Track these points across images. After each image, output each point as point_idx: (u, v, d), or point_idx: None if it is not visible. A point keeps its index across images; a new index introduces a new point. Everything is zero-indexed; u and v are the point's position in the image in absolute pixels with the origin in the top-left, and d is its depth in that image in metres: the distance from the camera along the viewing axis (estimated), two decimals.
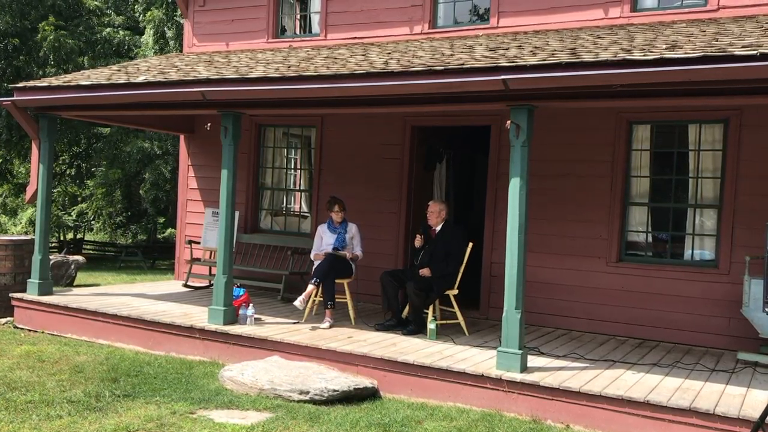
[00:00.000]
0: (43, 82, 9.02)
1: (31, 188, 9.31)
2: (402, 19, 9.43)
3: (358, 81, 6.67)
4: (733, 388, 5.87)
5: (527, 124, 6.17)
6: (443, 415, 5.83)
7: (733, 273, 7.47)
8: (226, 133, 7.74)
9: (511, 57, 6.39)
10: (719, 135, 7.75)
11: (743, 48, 5.37)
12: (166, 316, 7.98)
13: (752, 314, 6.89)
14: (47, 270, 9.12)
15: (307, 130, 10.46)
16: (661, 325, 7.79)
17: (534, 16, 8.63)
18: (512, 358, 6.10)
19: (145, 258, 18.71)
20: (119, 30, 18.50)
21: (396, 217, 9.44)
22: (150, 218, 21.16)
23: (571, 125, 8.23)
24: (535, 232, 8.08)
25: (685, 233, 7.97)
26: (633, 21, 8.09)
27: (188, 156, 11.14)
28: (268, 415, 5.66)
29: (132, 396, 6.00)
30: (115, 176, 18.19)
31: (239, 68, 8.04)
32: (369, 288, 8.77)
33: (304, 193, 10.57)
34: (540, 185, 8.13)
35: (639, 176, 8.17)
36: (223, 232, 7.81)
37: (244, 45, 10.58)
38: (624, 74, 5.58)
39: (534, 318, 8.15)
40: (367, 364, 6.59)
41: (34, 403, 5.66)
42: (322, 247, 8.17)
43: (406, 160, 9.41)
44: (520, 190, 6.18)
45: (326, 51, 8.96)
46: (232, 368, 6.60)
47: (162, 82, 7.78)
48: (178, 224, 11.45)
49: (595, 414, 5.65)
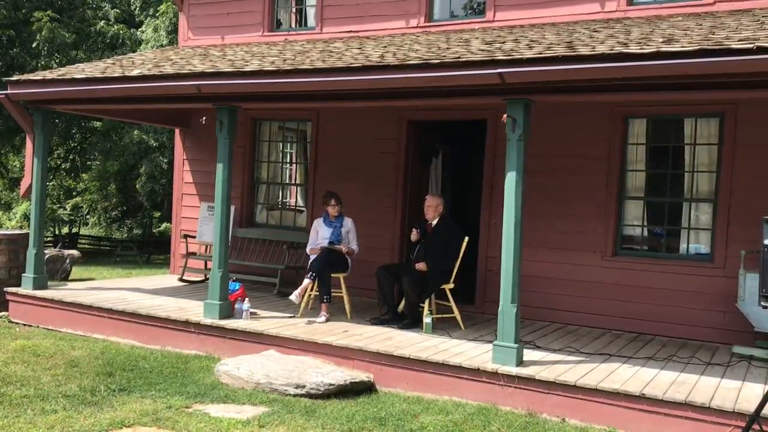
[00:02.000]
0: (37, 76, 8.97)
1: (25, 182, 9.26)
2: (398, 13, 9.41)
3: (354, 74, 6.65)
4: (729, 382, 5.89)
5: (523, 118, 6.16)
6: (439, 408, 5.84)
7: (728, 267, 7.48)
8: (222, 127, 7.72)
9: (508, 50, 6.37)
10: (715, 130, 7.76)
11: (740, 41, 5.36)
12: (161, 310, 7.97)
13: (747, 308, 6.91)
14: (42, 264, 9.09)
15: (302, 124, 10.44)
16: (657, 319, 7.80)
17: (530, 9, 8.62)
18: (508, 352, 6.10)
19: (140, 252, 18.68)
20: (113, 24, 18.43)
21: (392, 211, 9.43)
22: (145, 213, 21.14)
23: (567, 120, 8.22)
24: (530, 227, 8.07)
25: (680, 227, 7.99)
26: (629, 14, 8.09)
27: (183, 150, 11.11)
28: (264, 409, 5.65)
29: (127, 390, 5.99)
30: (114, 168, 18.13)
31: (234, 62, 8.01)
32: (365, 282, 8.76)
33: (300, 187, 10.55)
34: (536, 180, 8.11)
35: (635, 171, 8.17)
36: (219, 227, 7.79)
37: (239, 38, 10.54)
38: (620, 68, 5.57)
39: (530, 312, 8.14)
40: (363, 358, 6.59)
41: (29, 398, 5.64)
42: (318, 242, 8.15)
43: (402, 154, 9.40)
44: (516, 185, 6.17)
45: (322, 44, 8.93)
46: (227, 362, 6.59)
47: (157, 75, 7.74)
48: (174, 219, 11.43)
49: (590, 408, 5.65)
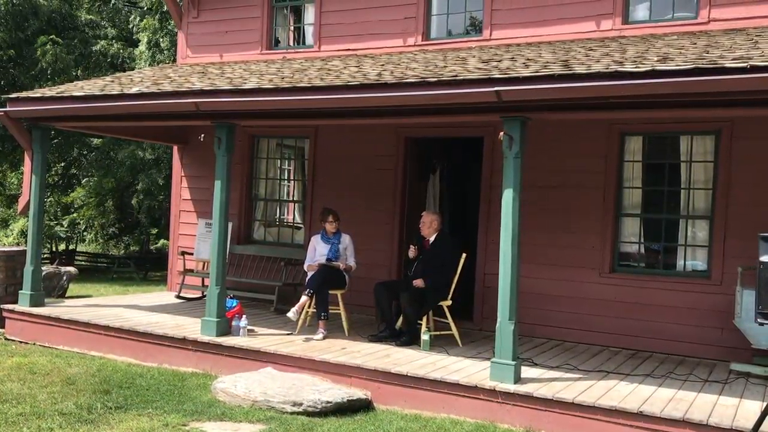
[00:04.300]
0: (36, 93, 9.01)
1: (23, 199, 9.27)
2: (395, 31, 9.48)
3: (352, 92, 6.69)
4: (726, 399, 5.88)
5: (520, 135, 6.20)
6: (437, 426, 5.82)
7: (725, 284, 7.49)
8: (220, 144, 7.75)
9: (504, 69, 6.43)
10: (711, 146, 7.80)
11: (734, 60, 5.42)
12: (158, 327, 7.95)
13: (745, 325, 6.91)
14: (39, 281, 9.07)
15: (300, 141, 10.48)
16: (654, 335, 7.80)
17: (527, 28, 8.69)
18: (506, 369, 6.09)
19: (137, 269, 18.63)
20: (114, 42, 18.51)
21: (390, 228, 9.45)
22: (143, 229, 21.11)
23: (564, 137, 8.26)
24: (528, 243, 8.06)
25: (677, 244, 8.00)
26: (625, 33, 8.15)
27: (181, 167, 11.13)
28: (261, 426, 5.63)
29: (124, 408, 5.96)
30: (109, 185, 18.14)
31: (233, 79, 8.05)
32: (362, 299, 8.75)
33: (298, 203, 10.57)
34: (533, 196, 8.15)
35: (631, 187, 8.20)
36: (217, 243, 7.79)
37: (237, 56, 10.60)
38: (616, 86, 5.62)
39: (527, 329, 8.13)
40: (361, 376, 6.57)
41: (25, 416, 5.61)
42: (316, 258, 8.15)
43: (399, 171, 9.43)
44: (513, 202, 6.20)
45: (320, 62, 8.99)
46: (224, 380, 6.57)
47: (155, 93, 7.78)
48: (171, 235, 11.42)
49: (588, 425, 5.64)
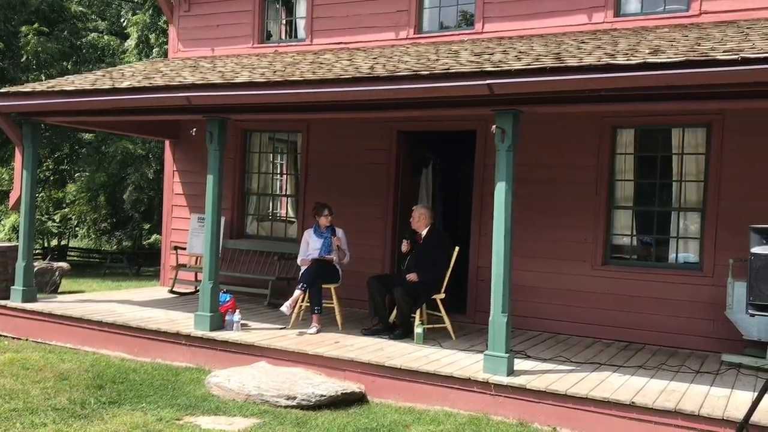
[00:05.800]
0: (26, 88, 8.95)
1: (14, 195, 9.24)
2: (387, 25, 9.46)
3: (344, 86, 6.68)
4: (718, 390, 5.92)
5: (512, 129, 6.20)
6: (430, 419, 5.84)
7: (716, 276, 7.53)
8: (212, 138, 7.73)
9: (496, 62, 6.43)
10: (702, 139, 7.83)
11: (725, 53, 5.43)
12: (151, 322, 7.93)
13: (736, 316, 6.96)
14: (31, 277, 9.04)
15: (293, 135, 10.45)
16: (647, 327, 7.83)
17: (518, 21, 8.69)
18: (499, 362, 6.12)
19: (130, 264, 18.59)
20: (104, 35, 18.43)
21: (382, 222, 9.45)
22: (135, 224, 21.05)
23: (556, 130, 8.27)
24: (520, 237, 8.10)
25: (669, 236, 8.04)
26: (616, 26, 8.17)
27: (173, 162, 11.09)
28: (255, 420, 5.64)
29: (117, 403, 5.96)
30: (101, 180, 18.07)
31: (225, 73, 8.02)
32: (356, 293, 8.76)
33: (291, 198, 10.56)
34: (525, 190, 8.16)
35: (623, 180, 8.23)
36: (209, 238, 7.78)
37: (229, 50, 10.56)
38: (608, 78, 5.63)
39: (520, 322, 8.16)
40: (355, 369, 6.58)
41: (18, 411, 5.60)
42: (309, 252, 8.15)
43: (392, 165, 9.43)
44: (506, 195, 6.21)
45: (312, 56, 8.97)
46: (218, 374, 6.57)
47: (147, 87, 7.75)
48: (164, 230, 11.40)
49: (581, 416, 5.67)
